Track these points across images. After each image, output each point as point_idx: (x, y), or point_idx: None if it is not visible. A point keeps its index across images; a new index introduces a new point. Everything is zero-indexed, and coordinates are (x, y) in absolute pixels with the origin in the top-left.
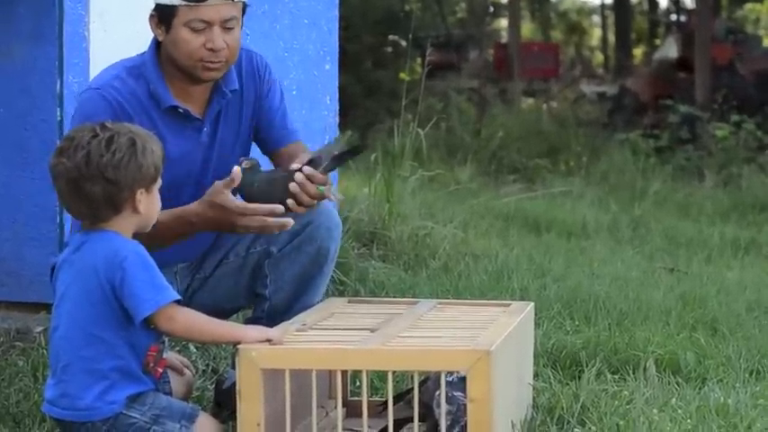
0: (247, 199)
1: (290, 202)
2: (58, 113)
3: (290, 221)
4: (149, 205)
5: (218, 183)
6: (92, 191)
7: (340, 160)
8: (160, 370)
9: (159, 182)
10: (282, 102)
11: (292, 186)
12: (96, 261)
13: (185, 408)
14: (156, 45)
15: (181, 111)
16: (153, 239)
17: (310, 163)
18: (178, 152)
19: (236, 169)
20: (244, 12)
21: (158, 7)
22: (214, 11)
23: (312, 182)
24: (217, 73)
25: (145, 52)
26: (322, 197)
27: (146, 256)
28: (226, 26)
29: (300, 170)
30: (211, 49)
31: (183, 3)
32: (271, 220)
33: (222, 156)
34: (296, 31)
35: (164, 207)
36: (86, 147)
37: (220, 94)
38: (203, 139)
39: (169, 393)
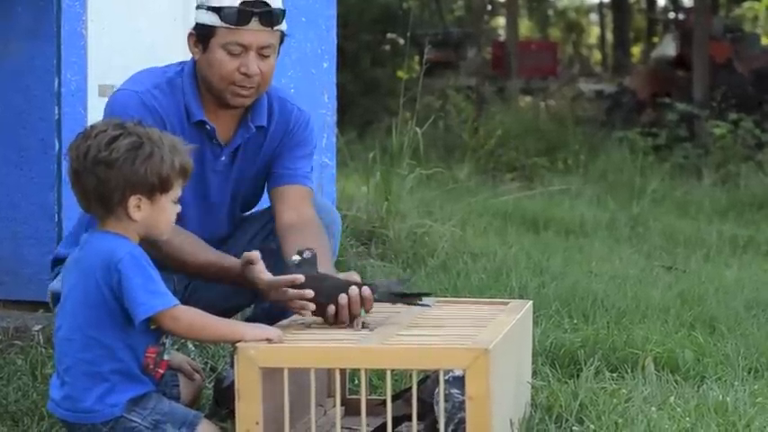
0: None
1: (330, 309)
2: (56, 112)
3: (309, 307)
4: (153, 214)
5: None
6: (86, 184)
7: (397, 299)
8: (161, 371)
9: (173, 194)
10: (306, 152)
11: (342, 298)
12: (94, 262)
13: (187, 414)
14: (196, 61)
15: (208, 128)
16: (183, 268)
17: (370, 285)
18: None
19: (255, 254)
20: (282, 41)
21: (198, 26)
22: (253, 36)
23: (362, 304)
24: (246, 100)
25: (185, 62)
26: (356, 318)
27: (141, 258)
28: (262, 53)
29: (360, 288)
30: (245, 74)
31: (224, 24)
32: (293, 292)
33: (240, 186)
34: (293, 30)
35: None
36: (91, 140)
37: (245, 128)
38: (218, 167)
39: (177, 397)
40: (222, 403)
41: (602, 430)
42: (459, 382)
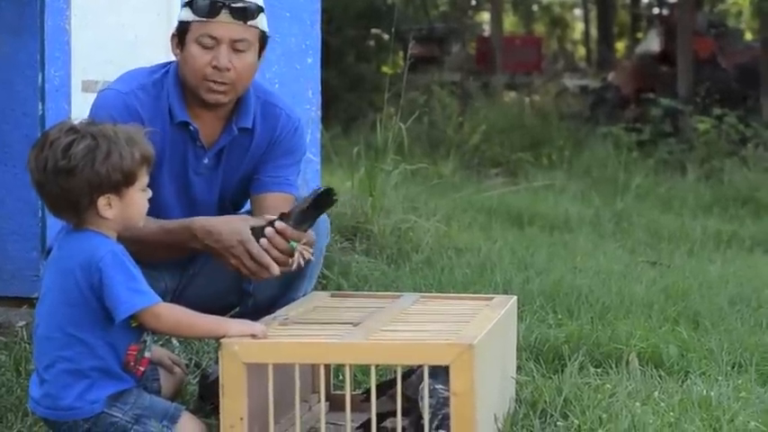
0: None
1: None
2: (40, 107)
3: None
4: (124, 208)
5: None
6: (51, 193)
7: (309, 214)
8: (142, 368)
9: (139, 184)
10: (293, 160)
11: (263, 242)
12: (74, 262)
13: (168, 407)
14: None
15: (191, 128)
16: (143, 252)
17: (283, 217)
18: (174, 168)
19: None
20: (264, 43)
21: (178, 25)
22: (224, 29)
23: (284, 237)
24: (221, 96)
25: (171, 63)
26: (292, 254)
27: (122, 256)
28: (236, 47)
29: (272, 224)
30: (216, 67)
31: (196, 18)
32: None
33: (227, 188)
34: (278, 25)
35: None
36: (46, 150)
37: (229, 130)
38: (201, 169)
39: (157, 391)
40: (207, 398)
41: (587, 425)
42: (443, 376)
